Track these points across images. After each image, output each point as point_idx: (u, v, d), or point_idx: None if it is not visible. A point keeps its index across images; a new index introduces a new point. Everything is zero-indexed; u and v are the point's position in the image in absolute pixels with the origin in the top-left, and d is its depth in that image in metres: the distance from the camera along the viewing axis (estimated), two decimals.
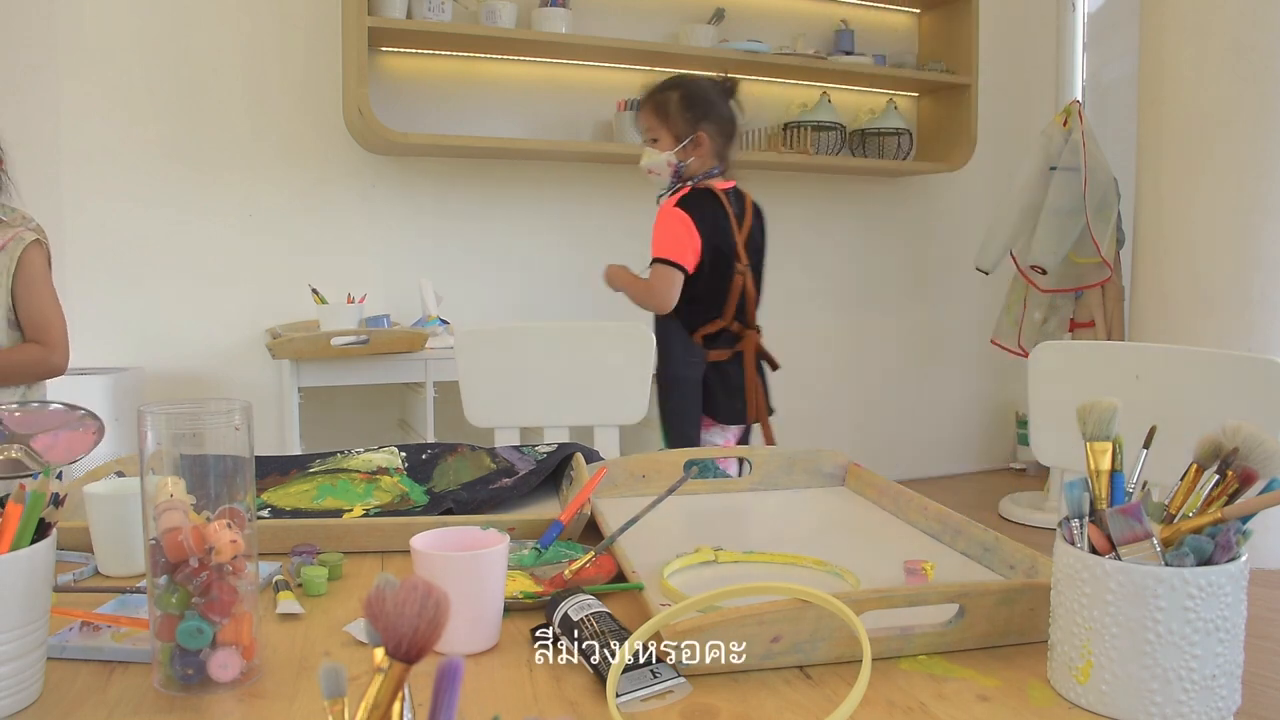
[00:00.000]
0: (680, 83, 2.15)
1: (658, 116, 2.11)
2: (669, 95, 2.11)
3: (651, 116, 2.12)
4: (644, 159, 2.15)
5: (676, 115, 2.10)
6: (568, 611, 0.73)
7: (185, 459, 0.69)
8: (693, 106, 2.10)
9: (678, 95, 2.10)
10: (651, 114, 2.12)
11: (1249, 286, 3.00)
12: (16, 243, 1.72)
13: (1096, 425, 0.69)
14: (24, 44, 2.86)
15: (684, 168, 2.13)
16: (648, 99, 2.14)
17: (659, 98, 2.12)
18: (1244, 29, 2.96)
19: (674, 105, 2.10)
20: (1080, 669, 0.65)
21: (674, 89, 2.13)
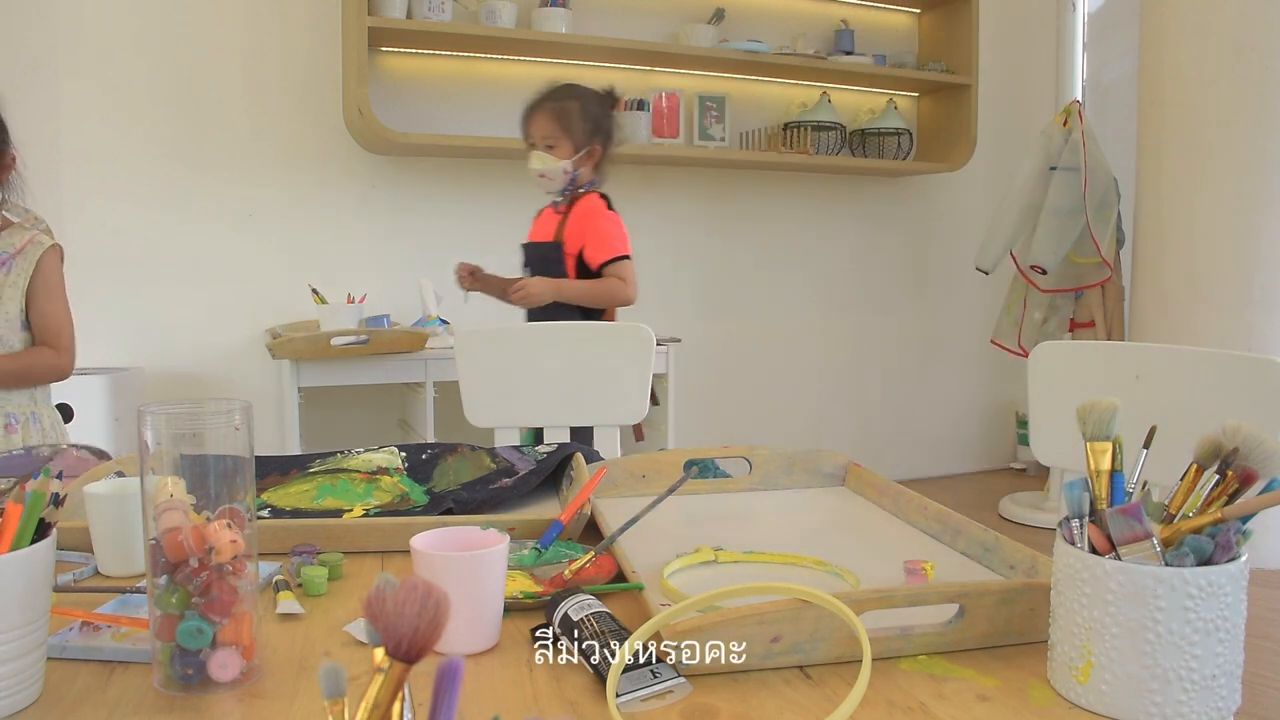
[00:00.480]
0: (579, 93, 2.17)
1: (559, 124, 2.13)
2: (570, 105, 2.14)
3: (553, 124, 2.13)
4: (536, 162, 2.15)
5: (577, 125, 2.14)
6: (568, 611, 0.73)
7: (185, 459, 0.69)
8: (591, 119, 2.15)
9: (578, 106, 2.14)
10: (553, 121, 2.13)
11: (1249, 286, 3.00)
12: (35, 246, 1.73)
13: (1096, 425, 0.69)
14: (24, 44, 2.86)
15: (578, 176, 2.18)
16: (548, 105, 2.15)
17: (560, 106, 2.14)
18: (1244, 29, 2.96)
19: (575, 115, 2.13)
20: (1080, 669, 0.65)
21: (573, 99, 2.15)
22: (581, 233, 2.18)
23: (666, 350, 3.13)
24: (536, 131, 2.14)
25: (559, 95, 2.16)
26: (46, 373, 1.77)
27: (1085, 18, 4.00)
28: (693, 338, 3.67)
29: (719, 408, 3.79)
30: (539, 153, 2.14)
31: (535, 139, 2.14)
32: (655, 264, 3.67)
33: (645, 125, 3.38)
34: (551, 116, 2.13)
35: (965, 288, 4.19)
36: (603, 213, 2.19)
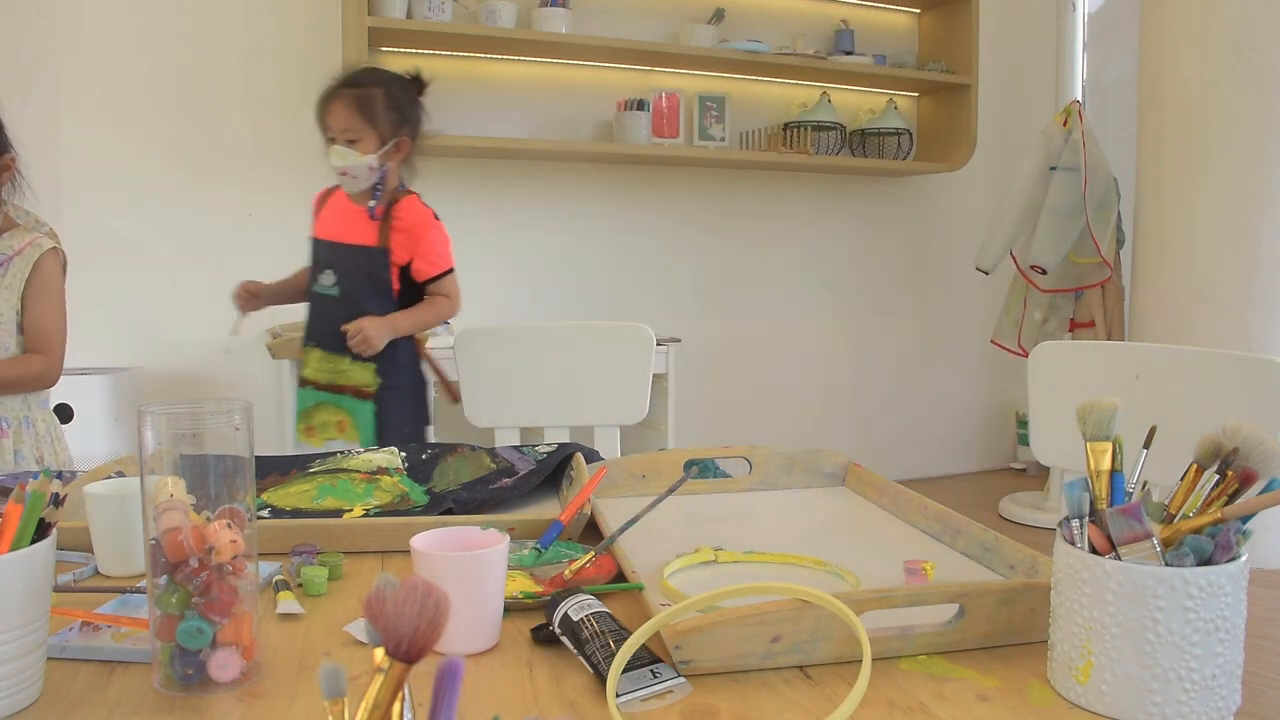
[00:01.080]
0: (382, 78, 1.91)
1: (362, 115, 1.85)
2: (373, 92, 1.86)
3: (354, 114, 1.84)
4: (337, 158, 1.85)
5: (383, 116, 1.86)
6: (568, 611, 0.73)
7: (185, 459, 0.69)
8: (398, 108, 1.89)
9: (383, 93, 1.87)
10: (355, 111, 1.84)
11: (1249, 286, 3.00)
12: (34, 249, 1.72)
13: (1096, 425, 0.69)
14: (24, 44, 2.86)
15: (385, 173, 1.90)
16: (348, 93, 1.86)
17: (361, 94, 1.86)
18: (1244, 29, 2.96)
19: (379, 104, 1.86)
20: (1080, 669, 0.65)
21: (377, 85, 1.88)
22: (412, 243, 1.92)
23: (666, 350, 3.13)
24: (336, 124, 1.85)
25: (360, 81, 1.88)
26: (34, 381, 1.73)
27: (1085, 18, 4.00)
28: (693, 338, 3.67)
29: (719, 408, 3.79)
30: (339, 148, 1.85)
31: (334, 132, 1.85)
32: (655, 264, 3.67)
33: (645, 125, 3.38)
34: (352, 106, 1.84)
35: (965, 288, 4.19)
36: (434, 223, 1.96)
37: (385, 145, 1.87)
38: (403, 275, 1.92)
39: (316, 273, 1.92)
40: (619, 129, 3.39)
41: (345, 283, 1.90)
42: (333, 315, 1.88)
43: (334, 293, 1.90)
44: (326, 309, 1.90)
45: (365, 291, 1.90)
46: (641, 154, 3.35)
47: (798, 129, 3.64)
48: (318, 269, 1.92)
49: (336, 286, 1.91)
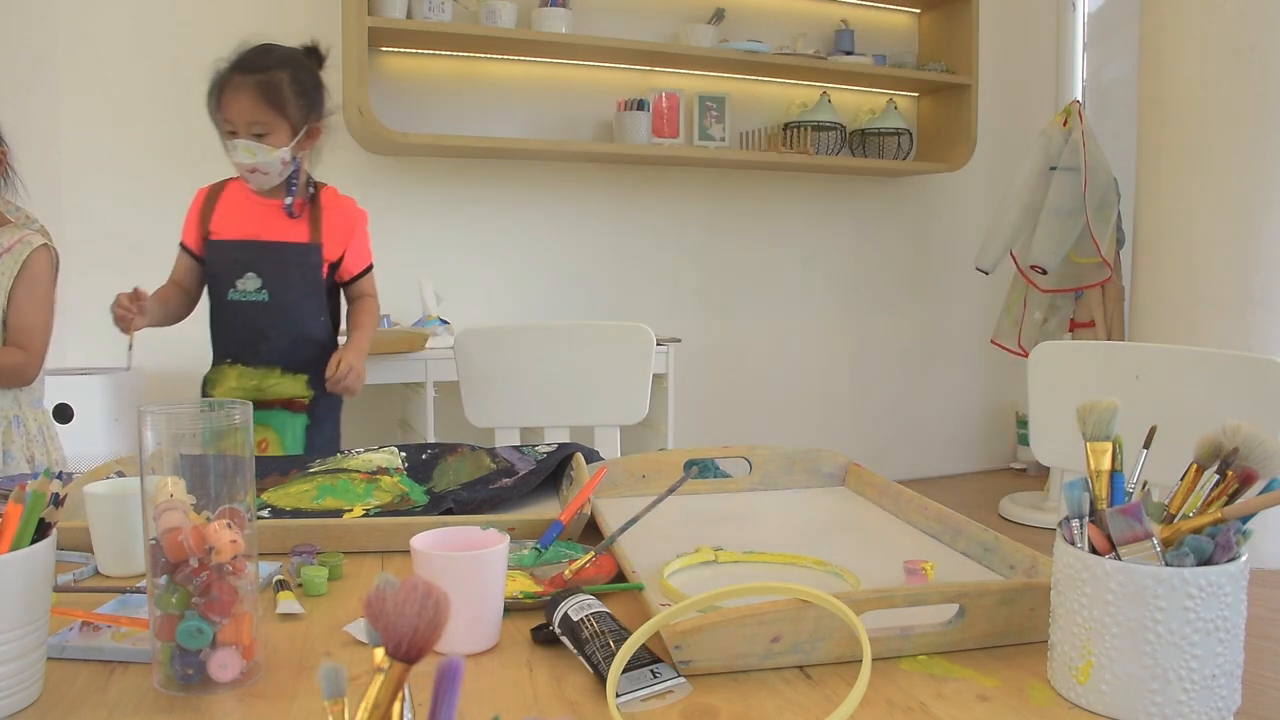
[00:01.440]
0: (284, 58, 1.70)
1: (270, 105, 1.65)
2: (279, 78, 1.66)
3: (261, 105, 1.64)
4: (245, 155, 1.66)
5: (292, 103, 1.67)
6: (568, 611, 0.73)
7: (185, 459, 0.69)
8: (305, 91, 1.70)
9: (289, 77, 1.67)
10: (261, 102, 1.64)
11: (1249, 286, 3.00)
12: (24, 245, 1.72)
13: (1096, 425, 0.69)
14: (25, 44, 2.86)
15: (299, 165, 1.75)
16: (250, 81, 1.64)
17: (267, 80, 1.65)
18: (1244, 29, 2.96)
19: (288, 90, 1.66)
20: (1080, 669, 0.65)
21: (281, 68, 1.67)
22: (343, 238, 1.78)
23: (666, 350, 3.13)
24: (239, 117, 1.64)
25: (260, 65, 1.66)
26: (10, 374, 1.70)
27: (1085, 18, 4.00)
28: (693, 338, 3.67)
29: (719, 408, 3.79)
30: (247, 143, 1.65)
31: (237, 126, 1.65)
32: (655, 264, 3.67)
33: (645, 125, 3.38)
34: (259, 96, 1.64)
35: (965, 288, 4.19)
36: (364, 213, 1.84)
37: (297, 135, 1.69)
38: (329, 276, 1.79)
39: (229, 278, 1.73)
40: (619, 129, 3.39)
41: (275, 286, 1.73)
42: (260, 324, 1.72)
43: (261, 298, 1.72)
44: (252, 318, 1.72)
45: (299, 295, 1.74)
46: (641, 154, 3.35)
47: (798, 129, 3.64)
48: (230, 273, 1.73)
49: (264, 291, 1.72)
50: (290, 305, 1.74)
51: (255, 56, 1.69)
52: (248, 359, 1.74)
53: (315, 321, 1.78)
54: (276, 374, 1.75)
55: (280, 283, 1.73)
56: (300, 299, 1.75)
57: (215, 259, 1.75)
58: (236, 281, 1.73)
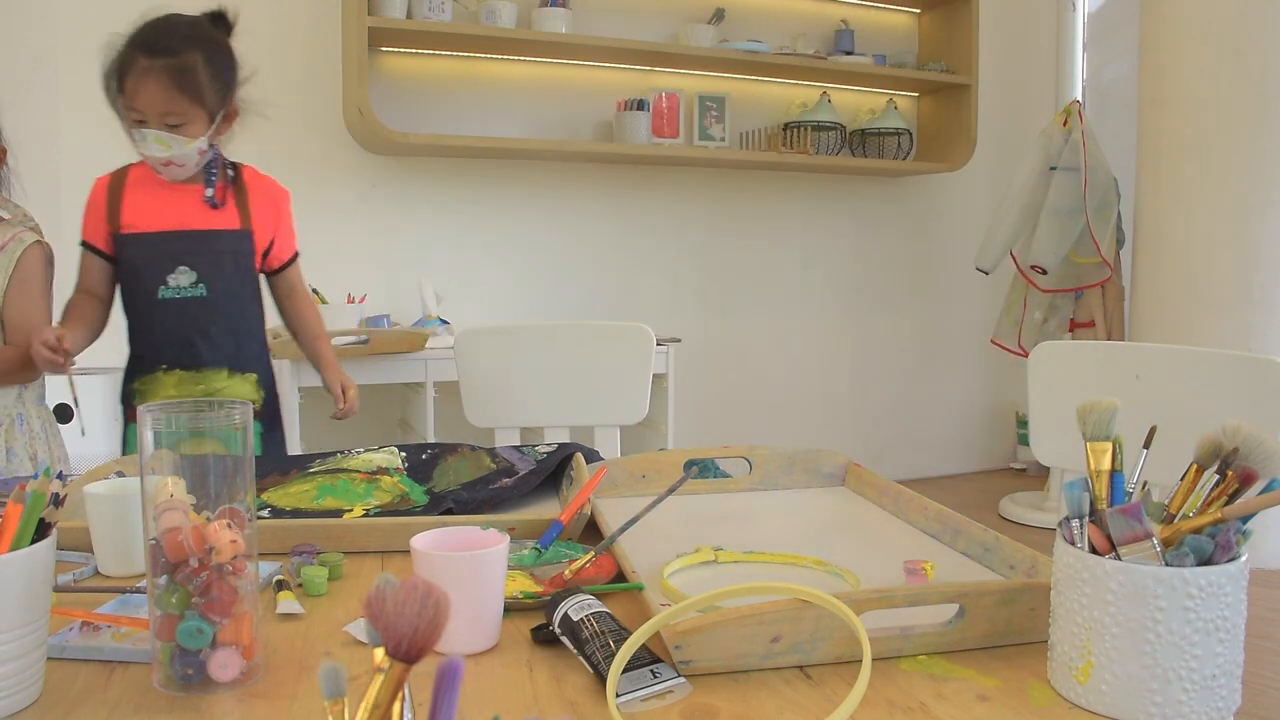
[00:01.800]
0: (195, 36, 1.51)
1: (186, 94, 1.47)
2: (193, 61, 1.48)
3: (175, 94, 1.47)
4: (159, 147, 1.49)
5: (208, 88, 1.50)
6: (568, 611, 0.73)
7: (185, 459, 0.69)
8: (223, 72, 1.54)
9: (203, 59, 1.50)
10: (175, 89, 1.47)
11: (1249, 286, 3.00)
12: (17, 243, 1.71)
13: (1096, 425, 0.69)
14: (25, 44, 2.86)
15: (217, 151, 1.61)
16: (161, 67, 1.47)
17: (180, 65, 1.47)
18: (1244, 29, 2.96)
19: (203, 75, 1.49)
20: (1080, 669, 0.65)
21: (193, 48, 1.49)
22: (272, 222, 1.65)
23: (666, 350, 3.13)
24: (149, 106, 1.47)
25: (171, 46, 1.48)
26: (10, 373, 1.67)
27: (1085, 18, 4.00)
28: (693, 338, 3.67)
29: (719, 408, 3.79)
30: (159, 134, 1.48)
31: (147, 115, 1.48)
32: (655, 264, 3.67)
33: (645, 125, 3.38)
34: (171, 84, 1.46)
35: (965, 288, 4.20)
36: (288, 195, 1.70)
37: (214, 122, 1.54)
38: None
39: (158, 273, 1.56)
40: (619, 129, 3.39)
41: (212, 279, 1.58)
42: (199, 322, 1.58)
43: (198, 294, 1.58)
44: (190, 316, 1.57)
45: (237, 287, 1.62)
46: (641, 154, 3.35)
47: (798, 129, 3.64)
48: (159, 269, 1.56)
49: (201, 285, 1.57)
50: (230, 299, 1.60)
51: (162, 36, 1.49)
52: (187, 363, 1.59)
53: (254, 315, 1.67)
54: (224, 376, 1.61)
55: (217, 275, 1.58)
56: (239, 291, 1.62)
57: (138, 254, 1.57)
58: (168, 277, 1.56)
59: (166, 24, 1.51)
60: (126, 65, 1.49)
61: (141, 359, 1.60)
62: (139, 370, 1.61)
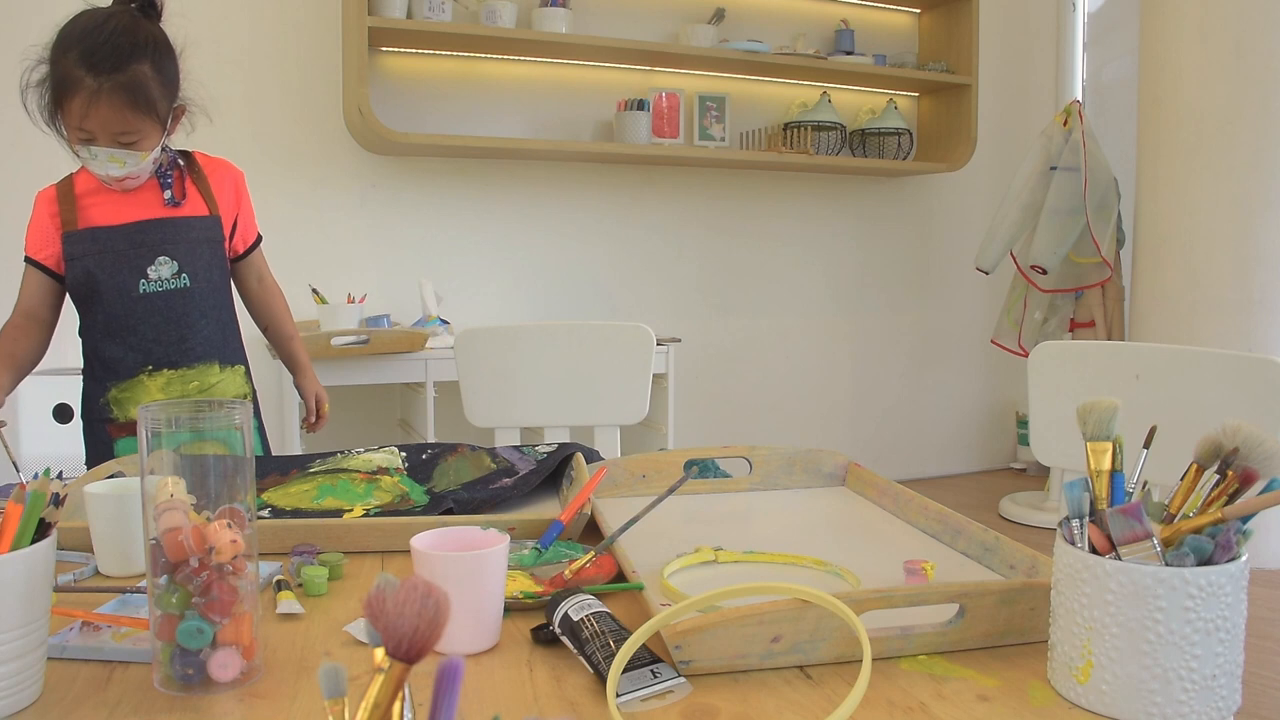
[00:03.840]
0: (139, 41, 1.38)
1: (139, 110, 1.38)
2: (142, 73, 1.37)
3: (129, 114, 1.37)
4: (114, 166, 1.40)
5: (159, 97, 1.40)
6: (568, 611, 0.73)
7: (185, 459, 0.69)
8: (170, 73, 1.43)
9: (151, 67, 1.38)
10: (128, 110, 1.37)
11: (1249, 286, 3.00)
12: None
13: (1096, 425, 0.69)
14: (24, 43, 2.86)
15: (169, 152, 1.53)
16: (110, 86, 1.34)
17: (130, 82, 1.36)
18: (1244, 29, 2.96)
19: (154, 86, 1.39)
20: (1080, 669, 0.65)
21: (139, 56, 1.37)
22: (233, 204, 1.58)
23: (666, 350, 3.13)
24: (101, 128, 1.37)
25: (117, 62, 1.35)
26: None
27: (1085, 18, 4.00)
28: (693, 338, 3.67)
29: (719, 408, 3.79)
30: (113, 153, 1.39)
31: (97, 135, 1.38)
32: (655, 264, 3.67)
33: (645, 125, 3.38)
34: (125, 103, 1.36)
35: (965, 288, 4.20)
36: (242, 175, 1.62)
37: (165, 127, 1.45)
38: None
39: (137, 266, 1.47)
40: (619, 129, 3.39)
41: (193, 269, 1.50)
42: (185, 315, 1.50)
43: (181, 285, 1.49)
44: (175, 310, 1.49)
45: (216, 275, 1.54)
46: (641, 154, 3.35)
47: (798, 129, 3.64)
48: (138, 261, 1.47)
49: (183, 275, 1.49)
50: (212, 289, 1.53)
51: (105, 49, 1.35)
52: (176, 360, 1.50)
53: (231, 304, 1.59)
54: (215, 371, 1.54)
55: (197, 264, 1.50)
56: (219, 280, 1.55)
57: (110, 249, 1.46)
58: (148, 269, 1.47)
59: (106, 33, 1.36)
60: (67, 84, 1.35)
61: (118, 363, 1.49)
62: (113, 375, 1.50)
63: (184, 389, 1.51)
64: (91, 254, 1.46)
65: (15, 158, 2.76)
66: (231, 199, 1.58)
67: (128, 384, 1.50)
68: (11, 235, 1.64)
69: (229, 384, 1.56)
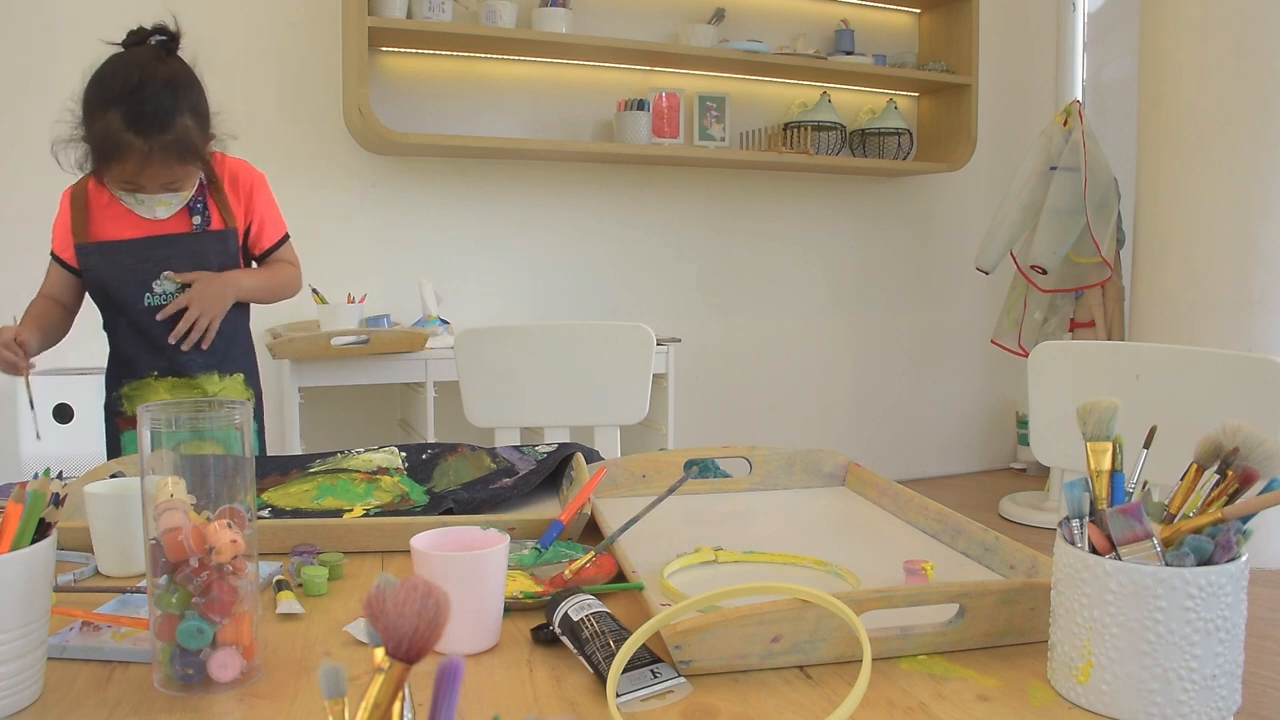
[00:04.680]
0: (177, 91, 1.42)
1: (186, 162, 1.44)
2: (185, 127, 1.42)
3: (178, 167, 1.44)
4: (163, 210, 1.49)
5: (200, 141, 1.46)
6: (568, 611, 0.73)
7: (185, 459, 0.69)
8: (206, 115, 1.49)
9: (190, 118, 1.43)
10: (177, 164, 1.43)
11: (1249, 286, 3.00)
12: None
13: (1096, 425, 0.69)
14: (24, 45, 2.86)
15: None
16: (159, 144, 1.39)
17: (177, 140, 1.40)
18: (1244, 29, 2.96)
19: (196, 135, 1.44)
20: (1080, 669, 0.65)
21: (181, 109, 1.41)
22: (249, 207, 1.59)
23: (666, 350, 3.13)
24: (151, 181, 1.44)
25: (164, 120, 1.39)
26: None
27: (1085, 18, 4.00)
28: (693, 338, 3.67)
29: (719, 408, 3.79)
30: (160, 198, 1.48)
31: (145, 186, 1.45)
32: (655, 264, 3.67)
33: (645, 125, 3.38)
34: (173, 159, 1.42)
35: (965, 288, 4.20)
36: (261, 174, 1.63)
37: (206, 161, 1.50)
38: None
39: (142, 281, 1.51)
40: (619, 129, 3.39)
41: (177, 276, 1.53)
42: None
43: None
44: (175, 323, 1.52)
45: None
46: (641, 154, 3.35)
47: (798, 129, 3.64)
48: (143, 276, 1.51)
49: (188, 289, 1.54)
50: None
51: (148, 108, 1.37)
52: (179, 369, 1.55)
53: (240, 311, 1.62)
54: (214, 380, 1.58)
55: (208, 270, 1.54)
56: None
57: (116, 263, 1.50)
58: (153, 284, 1.51)
59: (148, 91, 1.38)
60: (116, 147, 1.38)
61: (130, 363, 1.56)
62: (126, 375, 1.57)
63: (183, 396, 1.57)
64: (100, 267, 1.51)
65: (15, 158, 2.77)
66: (245, 210, 1.60)
67: (138, 383, 1.57)
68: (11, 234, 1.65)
69: (228, 392, 1.61)
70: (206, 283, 1.52)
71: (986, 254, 3.67)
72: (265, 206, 1.63)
